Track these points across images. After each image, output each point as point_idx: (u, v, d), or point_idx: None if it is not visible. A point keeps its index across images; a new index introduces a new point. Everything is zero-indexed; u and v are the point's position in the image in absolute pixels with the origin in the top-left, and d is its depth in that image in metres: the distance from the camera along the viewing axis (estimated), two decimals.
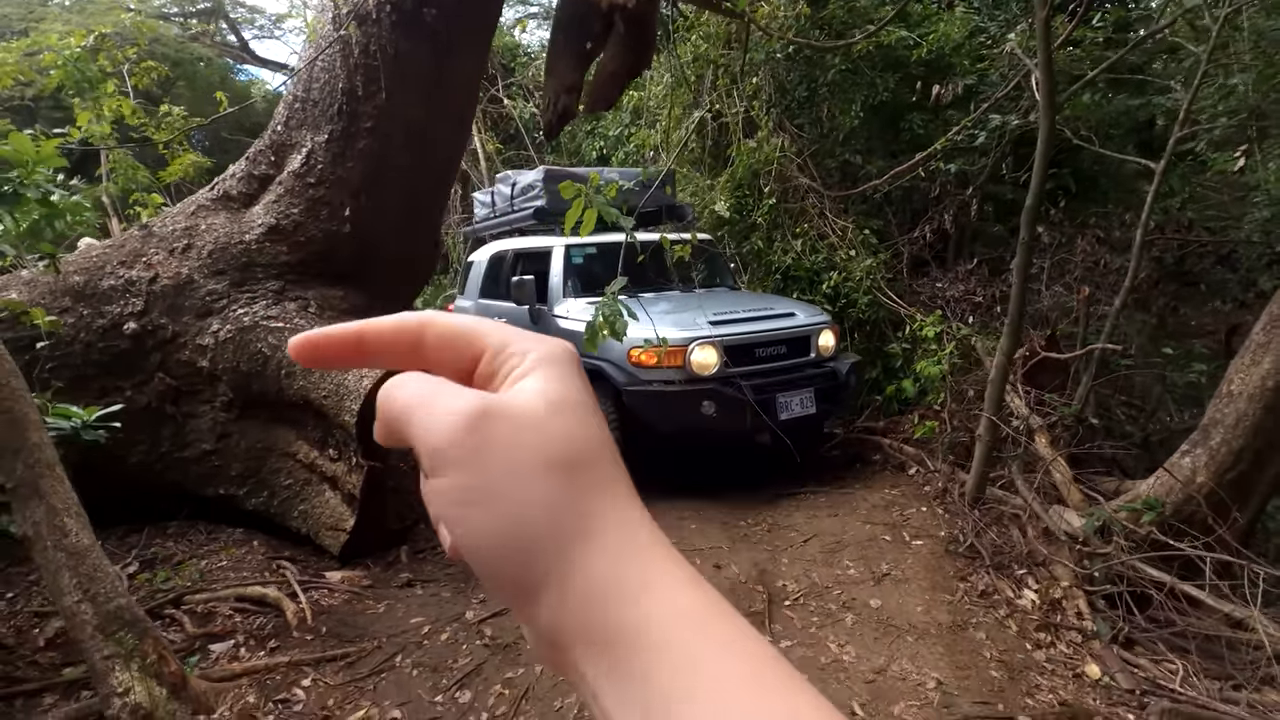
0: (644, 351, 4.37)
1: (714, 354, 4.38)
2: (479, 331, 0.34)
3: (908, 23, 6.60)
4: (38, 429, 2.45)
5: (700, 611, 0.28)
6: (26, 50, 6.44)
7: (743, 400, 4.27)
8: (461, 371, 0.34)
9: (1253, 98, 4.13)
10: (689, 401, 4.28)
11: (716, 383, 4.35)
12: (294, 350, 0.36)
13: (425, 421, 0.30)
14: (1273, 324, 3.32)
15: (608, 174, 5.68)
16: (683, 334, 4.38)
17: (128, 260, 4.12)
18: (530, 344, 0.33)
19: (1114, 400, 5.69)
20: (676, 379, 4.35)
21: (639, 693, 0.26)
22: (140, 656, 2.37)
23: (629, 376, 4.46)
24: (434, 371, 0.33)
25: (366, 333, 0.35)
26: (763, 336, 4.68)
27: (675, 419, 4.37)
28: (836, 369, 4.83)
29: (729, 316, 4.70)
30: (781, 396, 4.49)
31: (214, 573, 3.65)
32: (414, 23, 4.03)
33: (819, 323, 4.95)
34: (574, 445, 0.30)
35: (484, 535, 0.29)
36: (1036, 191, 3.49)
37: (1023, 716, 2.48)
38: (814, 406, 4.60)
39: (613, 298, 2.05)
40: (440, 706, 2.66)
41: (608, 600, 0.28)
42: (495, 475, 0.29)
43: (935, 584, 3.39)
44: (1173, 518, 3.53)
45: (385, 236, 4.53)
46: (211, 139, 15.22)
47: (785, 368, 4.65)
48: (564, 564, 0.28)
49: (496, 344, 0.33)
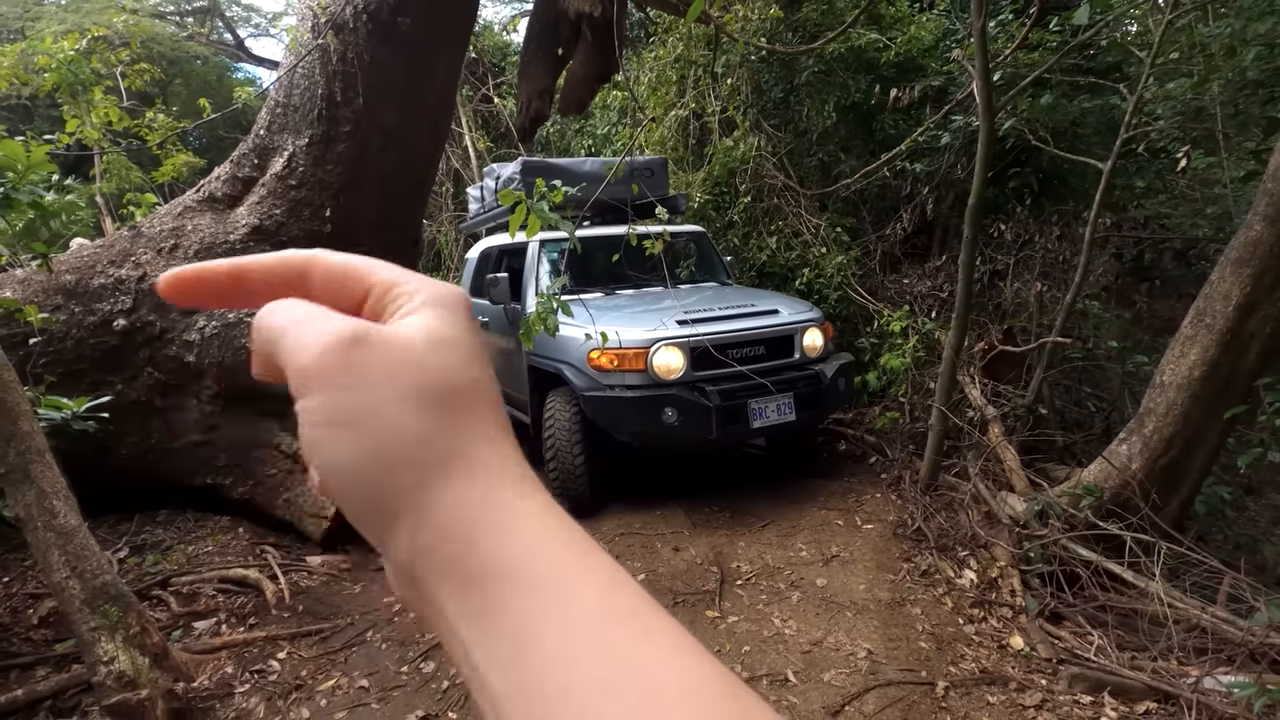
0: (603, 354, 4.09)
1: (679, 357, 4.09)
2: (368, 269, 0.33)
3: (880, 25, 6.77)
4: (29, 418, 2.63)
5: (570, 546, 0.28)
6: (23, 52, 6.61)
7: (708, 406, 3.99)
8: (348, 309, 0.32)
9: (1191, 100, 4.31)
10: (648, 408, 3.99)
11: (682, 388, 4.06)
12: (162, 287, 0.35)
13: (297, 341, 0.29)
14: (1198, 317, 3.50)
15: (590, 164, 5.63)
16: (644, 335, 4.09)
17: (117, 260, 4.30)
18: (421, 284, 0.33)
19: (1081, 392, 5.89)
20: (640, 384, 4.07)
21: (507, 627, 0.26)
22: (124, 628, 2.57)
23: (589, 381, 4.17)
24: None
25: (247, 268, 0.34)
26: (736, 336, 4.31)
27: (634, 426, 4.08)
28: (821, 372, 4.41)
29: (701, 315, 4.36)
30: (754, 403, 4.13)
31: (200, 557, 3.84)
32: (389, 31, 4.21)
33: (805, 320, 4.55)
34: (451, 380, 0.30)
35: (346, 455, 0.28)
36: (978, 191, 3.67)
37: (942, 682, 2.68)
38: (793, 413, 4.22)
39: (549, 298, 2.22)
40: (405, 676, 2.86)
41: (471, 532, 0.27)
42: (363, 397, 0.28)
43: (880, 564, 3.58)
44: (1110, 502, 3.71)
45: (365, 236, 4.71)
46: (209, 138, 15.40)
47: (762, 371, 4.25)
48: (425, 493, 0.28)
49: (384, 281, 0.33)
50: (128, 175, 8.35)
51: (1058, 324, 4.62)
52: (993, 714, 2.53)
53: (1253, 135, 5.00)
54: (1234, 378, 3.48)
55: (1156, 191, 5.71)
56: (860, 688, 2.64)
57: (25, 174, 3.12)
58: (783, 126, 7.12)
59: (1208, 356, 3.45)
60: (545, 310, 2.18)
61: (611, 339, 3.89)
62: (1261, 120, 4.50)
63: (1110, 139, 4.68)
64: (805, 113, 6.94)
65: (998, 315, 5.62)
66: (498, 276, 5.04)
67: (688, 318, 4.26)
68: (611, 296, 4.95)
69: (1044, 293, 4.93)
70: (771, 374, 4.26)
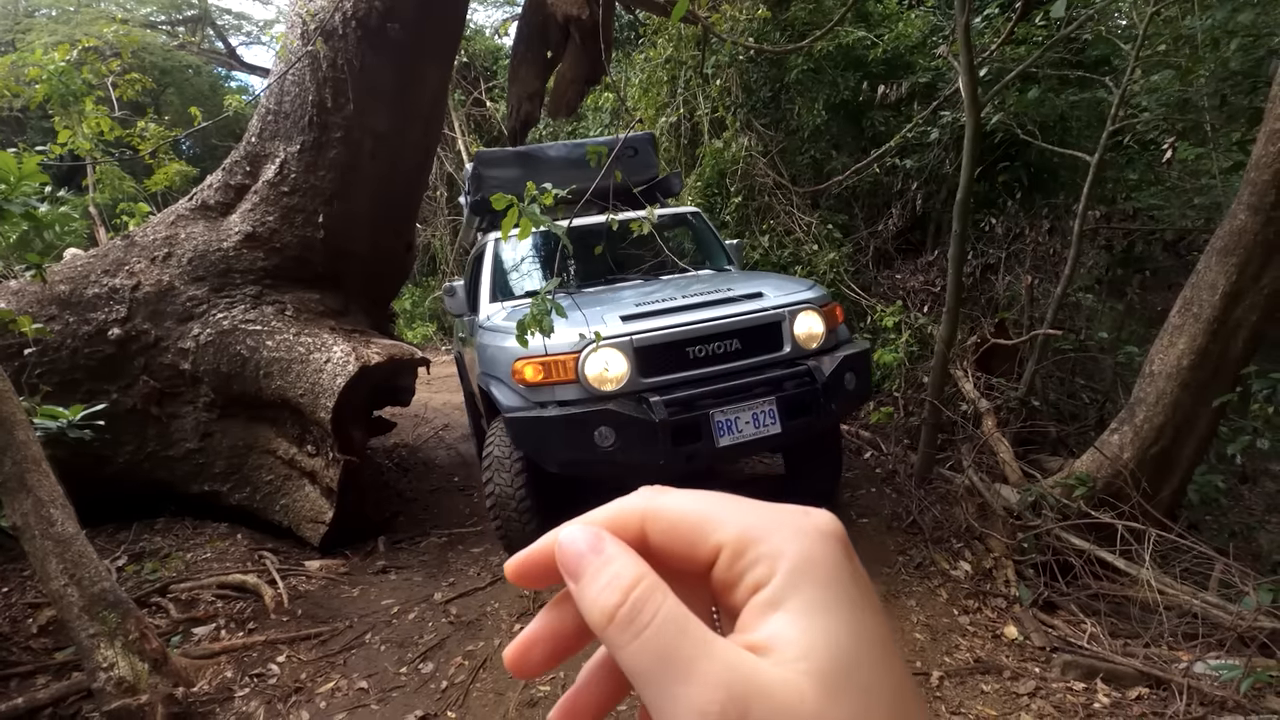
0: (527, 364, 3.27)
1: (618, 361, 3.21)
2: (712, 521, 0.28)
3: (868, 22, 6.81)
4: (24, 428, 2.65)
5: None
6: (13, 64, 6.61)
7: (652, 422, 3.08)
8: (694, 575, 0.28)
9: (1177, 92, 4.35)
10: (575, 430, 3.10)
11: (623, 400, 3.17)
12: (511, 575, 0.31)
13: (663, 707, 0.24)
14: (1185, 307, 3.53)
15: (555, 149, 5.14)
16: (573, 337, 3.15)
17: (111, 269, 4.32)
18: (779, 539, 0.27)
19: (1075, 384, 5.92)
20: (576, 398, 3.21)
21: None
22: (123, 634, 2.58)
23: (519, 399, 3.35)
24: (660, 572, 0.27)
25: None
26: (695, 330, 3.32)
27: (560, 454, 3.23)
28: (815, 368, 3.39)
29: (655, 306, 3.44)
30: (720, 414, 3.19)
31: (199, 564, 3.86)
32: (379, 37, 4.23)
33: (795, 304, 3.54)
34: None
35: None
36: (966, 185, 3.70)
37: (937, 672, 2.70)
38: (776, 423, 3.27)
39: (543, 298, 2.20)
40: (404, 677, 2.87)
41: None
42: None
43: (875, 557, 3.60)
44: (1103, 491, 3.74)
45: (358, 241, 4.73)
46: (202, 146, 15.41)
47: (734, 371, 3.36)
48: None
49: (734, 540, 0.27)
50: (121, 185, 8.36)
51: (1049, 316, 4.65)
52: (987, 702, 2.55)
53: (1239, 126, 5.04)
54: (1222, 366, 3.52)
55: (1146, 183, 5.75)
56: None
57: (18, 185, 3.14)
58: (773, 125, 7.15)
59: (1196, 345, 3.49)
60: (540, 311, 2.16)
61: (534, 345, 2.99)
62: (1247, 111, 4.54)
63: (1098, 132, 4.71)
64: (795, 111, 6.98)
65: (990, 309, 5.66)
66: (453, 285, 4.56)
67: (637, 311, 3.41)
68: (575, 294, 3.98)
69: (1035, 286, 4.97)
70: (746, 374, 3.37)
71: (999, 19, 5.63)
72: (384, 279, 5.41)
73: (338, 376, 3.85)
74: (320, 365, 3.94)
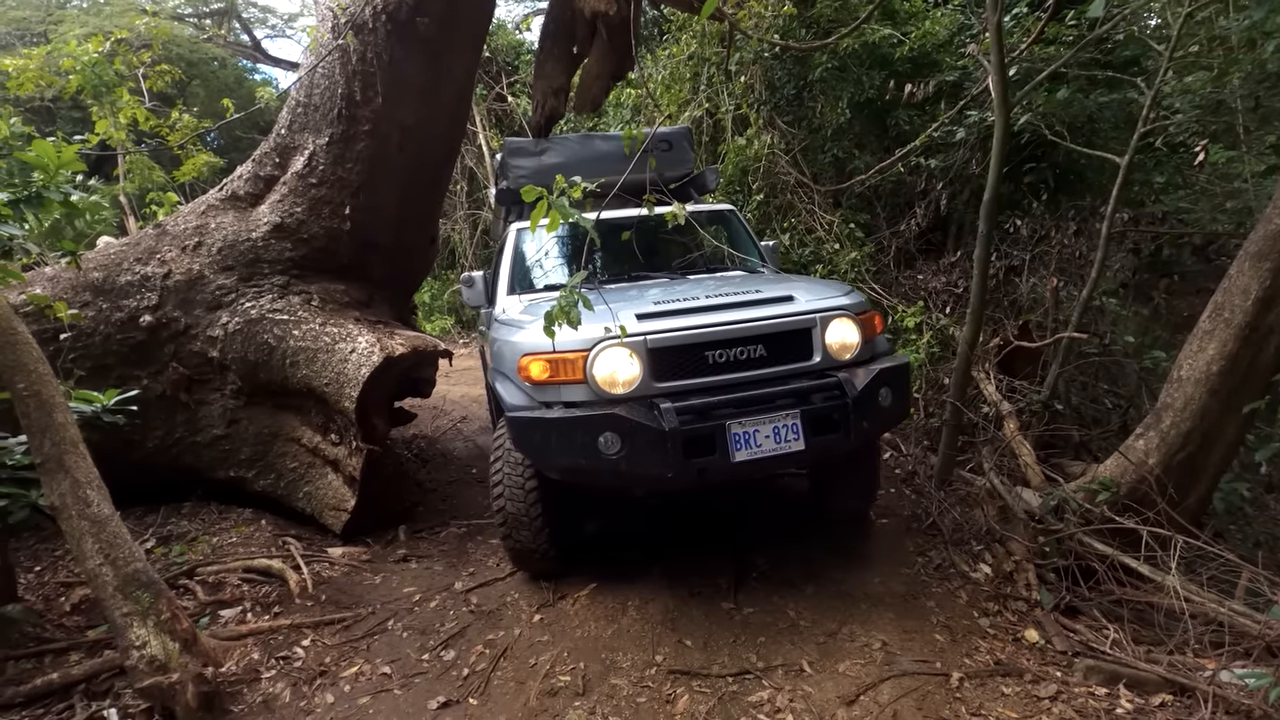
0: (534, 360, 3.08)
1: (630, 363, 3.00)
2: None
3: (894, 20, 6.75)
4: (63, 410, 2.71)
5: None
6: (48, 55, 6.74)
7: (661, 431, 2.84)
8: None
9: (1210, 94, 4.28)
10: (578, 434, 2.89)
11: (632, 405, 2.94)
12: None
13: None
14: (1216, 312, 3.48)
15: (575, 140, 5.12)
16: (584, 335, 2.90)
17: (143, 257, 4.40)
18: None
19: (1099, 388, 5.86)
20: (583, 399, 3.02)
21: None
22: (155, 614, 2.64)
23: (525, 398, 3.17)
24: None
25: None
26: (716, 333, 3.09)
27: (560, 459, 3.00)
28: (846, 381, 3.10)
29: (674, 306, 3.23)
30: (737, 425, 2.94)
31: (224, 548, 3.93)
32: (407, 31, 4.26)
33: (829, 310, 3.28)
34: None
35: None
36: (993, 186, 3.67)
37: (957, 673, 2.69)
38: (800, 439, 2.99)
39: (570, 290, 2.20)
40: (426, 663, 2.91)
41: None
42: None
43: (895, 559, 3.60)
44: (1127, 497, 3.70)
45: (383, 233, 4.78)
46: (226, 138, 15.59)
47: (757, 380, 3.11)
48: None
49: None
50: (150, 175, 8.50)
51: (1074, 319, 4.61)
52: (1007, 705, 2.54)
53: (1274, 129, 4.96)
54: (1252, 372, 3.47)
55: (1176, 186, 5.67)
56: (875, 678, 2.66)
57: (55, 173, 3.22)
58: (796, 123, 7.12)
59: (1226, 351, 3.44)
60: (568, 303, 2.16)
61: (543, 341, 2.81)
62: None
63: (1128, 133, 4.65)
64: (819, 109, 6.94)
65: (1013, 311, 5.61)
66: (471, 275, 4.39)
67: (654, 309, 3.19)
68: (599, 289, 3.72)
69: (1060, 288, 4.92)
70: (770, 383, 3.11)
71: (1028, 18, 5.57)
72: (408, 271, 5.47)
73: (362, 367, 3.90)
74: (345, 355, 3.99)
